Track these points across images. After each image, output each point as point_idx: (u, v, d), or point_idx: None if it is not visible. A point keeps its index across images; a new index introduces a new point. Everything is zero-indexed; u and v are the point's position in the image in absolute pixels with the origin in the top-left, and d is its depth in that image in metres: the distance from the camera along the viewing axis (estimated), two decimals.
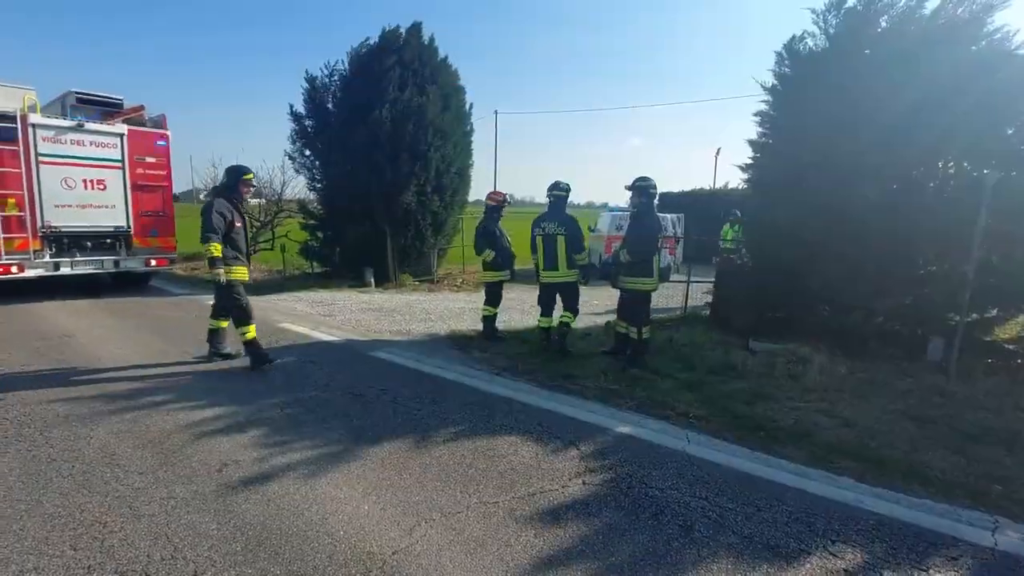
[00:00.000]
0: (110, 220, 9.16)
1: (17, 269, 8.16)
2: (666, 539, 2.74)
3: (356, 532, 2.73)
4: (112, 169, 9.12)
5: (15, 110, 8.07)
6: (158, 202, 9.77)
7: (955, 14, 6.75)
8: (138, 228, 9.44)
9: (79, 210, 8.79)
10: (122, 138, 9.19)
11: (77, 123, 8.76)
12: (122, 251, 9.38)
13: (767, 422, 4.31)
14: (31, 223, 8.26)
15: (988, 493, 3.31)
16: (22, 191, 8.12)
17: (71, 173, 8.70)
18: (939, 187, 6.92)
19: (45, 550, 2.56)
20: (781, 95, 7.89)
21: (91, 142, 8.86)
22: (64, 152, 8.60)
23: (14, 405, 4.36)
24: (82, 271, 9.01)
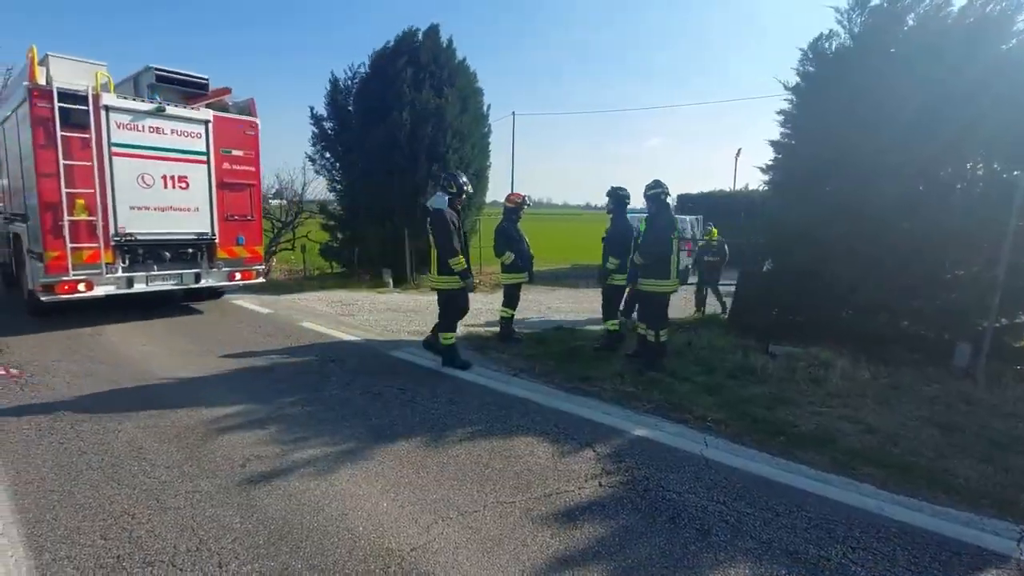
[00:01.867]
0: (192, 225, 7.56)
1: (85, 287, 6.63)
2: (683, 543, 2.73)
3: (375, 528, 2.77)
4: (195, 163, 7.55)
5: (86, 88, 6.51)
6: (245, 203, 8.16)
7: (984, 12, 6.60)
8: (223, 235, 7.84)
9: (158, 213, 7.24)
10: (207, 126, 7.62)
11: (157, 106, 7.15)
12: (203, 263, 7.77)
13: (787, 427, 4.26)
14: (103, 229, 6.71)
15: (1016, 503, 3.23)
16: (93, 189, 6.59)
17: (149, 168, 7.12)
18: (967, 188, 6.78)
19: (77, 539, 2.65)
20: (804, 94, 7.82)
21: (172, 130, 7.31)
22: (141, 141, 7.04)
23: (45, 399, 4.51)
24: (158, 288, 7.42)
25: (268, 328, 7.46)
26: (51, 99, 6.23)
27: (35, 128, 6.25)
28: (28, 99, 6.20)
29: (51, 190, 6.35)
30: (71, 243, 6.48)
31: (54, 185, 6.35)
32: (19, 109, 6.72)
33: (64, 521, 2.79)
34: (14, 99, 7.13)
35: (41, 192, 6.33)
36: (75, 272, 6.55)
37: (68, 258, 6.46)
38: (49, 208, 6.36)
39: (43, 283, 6.43)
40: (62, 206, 6.35)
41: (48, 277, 6.42)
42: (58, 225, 6.37)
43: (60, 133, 6.28)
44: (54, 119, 6.26)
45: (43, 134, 6.27)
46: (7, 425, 3.97)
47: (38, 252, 6.54)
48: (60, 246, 6.40)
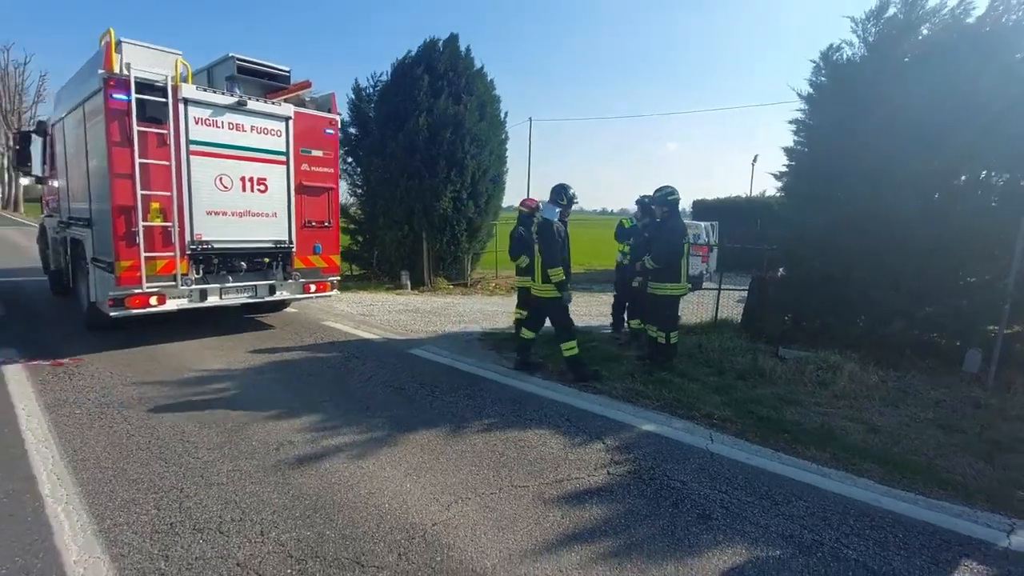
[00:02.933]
0: (270, 233, 6.87)
1: (157, 301, 5.95)
2: (684, 524, 2.94)
3: (400, 506, 3.02)
4: (275, 164, 6.83)
5: (165, 78, 5.80)
6: (323, 209, 7.42)
7: (1000, 22, 6.68)
8: (300, 243, 7.15)
9: (235, 219, 6.52)
10: (288, 123, 6.89)
11: (239, 100, 6.40)
12: (278, 273, 7.03)
13: (792, 425, 4.43)
14: (179, 237, 6.01)
15: (1009, 498, 3.36)
16: (170, 192, 5.90)
17: (228, 168, 6.40)
18: (982, 196, 6.84)
19: (133, 508, 2.94)
20: (817, 103, 7.92)
21: (252, 127, 6.58)
22: (220, 139, 6.32)
23: (93, 388, 4.85)
24: (232, 301, 6.78)
25: (294, 326, 7.78)
26: (128, 90, 5.52)
27: (109, 122, 5.52)
28: (103, 89, 5.49)
29: (125, 192, 5.65)
30: (145, 252, 5.78)
31: (129, 187, 5.66)
32: (88, 102, 6.07)
33: (120, 493, 3.09)
34: (80, 91, 6.37)
35: (115, 194, 5.61)
36: (149, 284, 5.85)
37: (142, 269, 5.77)
38: (123, 212, 5.66)
39: (113, 296, 5.74)
40: (137, 211, 5.69)
41: (119, 289, 5.73)
42: (132, 232, 5.71)
43: (137, 128, 5.60)
44: (130, 112, 5.55)
45: (118, 129, 5.56)
46: (60, 410, 4.30)
47: (107, 261, 5.84)
48: (134, 255, 5.74)
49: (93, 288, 6.37)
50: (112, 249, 5.70)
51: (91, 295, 6.44)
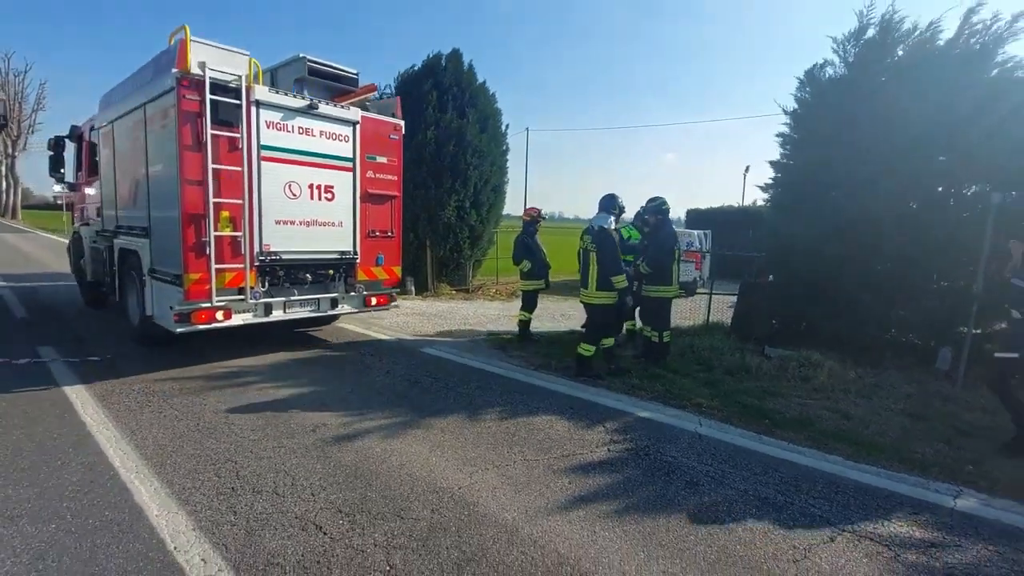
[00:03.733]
0: (336, 243, 6.58)
1: (223, 315, 5.60)
2: (674, 490, 3.40)
3: (428, 474, 3.47)
4: (342, 171, 6.55)
5: (239, 79, 5.51)
6: (387, 218, 7.12)
7: (968, 45, 7.24)
8: (364, 254, 6.84)
9: (303, 229, 6.23)
10: (355, 128, 6.61)
11: (310, 103, 6.13)
12: (340, 286, 6.72)
13: (773, 413, 4.90)
14: (248, 248, 5.68)
15: (961, 471, 3.84)
16: (241, 200, 5.59)
17: (297, 175, 6.12)
18: (954, 208, 7.35)
19: (196, 476, 3.38)
20: (801, 118, 8.44)
21: (321, 131, 6.30)
22: (290, 144, 6.03)
23: (135, 382, 5.28)
24: (295, 315, 6.43)
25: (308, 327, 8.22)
26: (202, 90, 5.25)
27: (182, 125, 5.20)
28: (175, 89, 5.17)
29: (196, 200, 5.34)
30: (215, 264, 5.46)
31: (200, 194, 5.35)
32: (153, 103, 5.73)
33: (182, 464, 3.53)
34: (141, 92, 5.99)
35: (185, 202, 5.28)
36: (218, 297, 5.53)
37: (212, 281, 5.45)
38: (193, 221, 5.34)
39: (179, 311, 5.37)
40: (208, 220, 5.36)
41: (187, 304, 5.38)
42: (202, 242, 5.37)
43: (211, 132, 5.31)
44: (204, 115, 5.27)
45: (190, 132, 5.25)
46: (110, 398, 4.74)
47: (173, 274, 5.51)
48: (203, 267, 5.41)
49: (150, 301, 6.01)
50: (180, 260, 5.35)
51: (147, 309, 6.06)
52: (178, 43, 5.28)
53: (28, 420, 4.19)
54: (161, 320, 5.85)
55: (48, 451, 3.67)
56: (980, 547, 2.92)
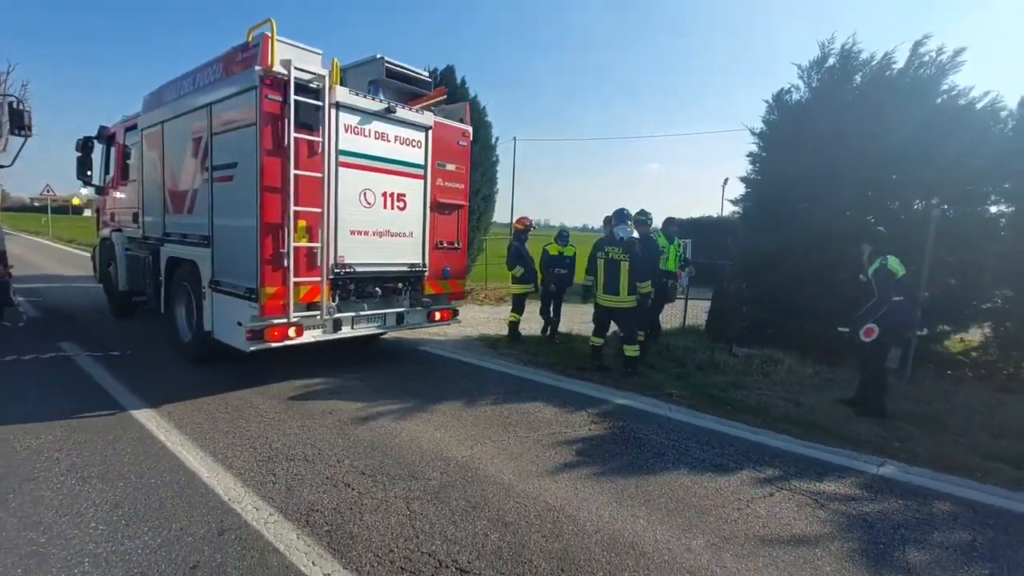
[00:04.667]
0: (406, 255, 6.26)
1: (295, 332, 5.22)
2: (644, 458, 4.02)
3: (436, 446, 4.05)
4: (414, 179, 6.23)
5: (322, 79, 5.20)
6: (453, 229, 6.80)
7: (917, 74, 8.04)
8: (432, 266, 6.52)
9: (375, 239, 5.89)
10: (428, 133, 6.31)
11: (387, 107, 5.83)
12: (406, 300, 6.39)
13: (735, 402, 5.55)
14: (324, 259, 5.35)
15: (888, 447, 4.51)
16: (320, 208, 5.26)
17: (372, 182, 5.78)
18: (905, 222, 8.10)
19: (234, 447, 3.92)
20: (769, 138, 9.20)
21: (396, 136, 5.99)
22: (366, 149, 5.70)
23: (158, 372, 5.77)
24: (362, 332, 6.05)
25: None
26: (285, 91, 4.93)
27: (263, 127, 4.86)
28: (258, 89, 4.83)
29: (275, 208, 4.99)
30: (293, 277, 5.09)
31: (279, 202, 5.01)
32: (223, 103, 5.38)
33: (219, 439, 4.06)
34: (205, 92, 5.67)
35: (265, 210, 4.93)
36: (296, 313, 5.18)
37: (290, 296, 5.08)
38: (271, 231, 4.99)
39: (252, 327, 4.98)
40: (287, 230, 5.03)
41: (261, 320, 4.99)
42: (279, 254, 5.02)
43: (294, 135, 4.98)
44: (285, 117, 4.95)
45: (271, 136, 4.92)
46: (138, 384, 5.23)
47: (245, 287, 5.12)
48: (279, 280, 5.05)
49: (209, 316, 5.63)
50: (255, 273, 4.97)
51: (205, 323, 5.68)
52: (261, 39, 4.89)
53: (73, 399, 4.68)
54: (224, 336, 5.46)
55: (99, 429, 4.18)
56: (892, 500, 3.58)
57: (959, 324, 7.86)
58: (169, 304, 6.63)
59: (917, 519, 3.36)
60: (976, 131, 7.53)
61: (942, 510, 3.49)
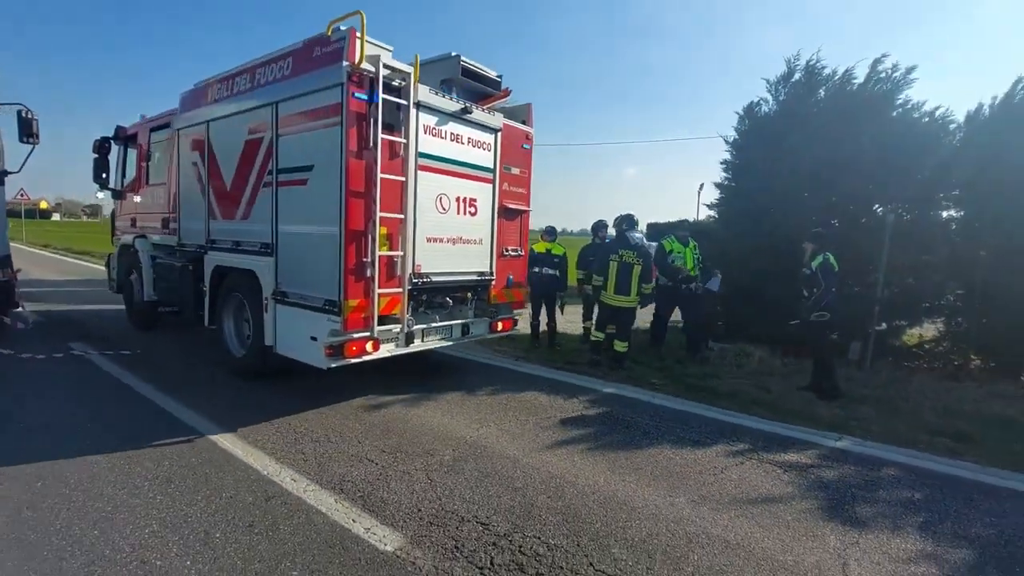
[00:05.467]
0: (475, 263, 6.00)
1: (372, 347, 4.90)
2: (633, 437, 4.52)
3: (445, 429, 4.49)
4: (484, 183, 6.00)
5: (405, 77, 4.92)
6: (516, 235, 6.56)
7: (875, 90, 8.73)
8: (498, 274, 6.28)
9: (448, 247, 5.63)
10: (497, 135, 6.07)
11: (464, 107, 5.59)
12: (470, 310, 6.20)
13: (711, 389, 6.10)
14: (403, 268, 5.06)
15: (846, 425, 5.08)
16: (402, 214, 5.00)
17: (447, 187, 5.54)
18: (864, 225, 8.77)
19: (261, 431, 4.30)
20: (741, 148, 9.83)
21: (469, 138, 5.74)
22: (442, 152, 5.45)
23: (174, 369, 6.08)
24: (431, 345, 5.75)
25: None
26: (372, 89, 4.64)
27: (349, 127, 4.54)
28: (344, 86, 4.51)
29: (360, 215, 4.69)
30: (378, 288, 4.80)
31: (364, 208, 4.71)
32: (298, 100, 4.98)
33: (247, 423, 4.43)
34: (275, 88, 5.24)
35: (350, 216, 4.60)
36: (380, 326, 4.90)
37: (373, 308, 4.79)
38: (355, 239, 4.67)
39: (332, 343, 4.66)
40: (372, 237, 4.74)
41: (343, 335, 4.67)
42: (363, 263, 4.73)
43: (381, 136, 4.70)
44: (371, 117, 4.67)
45: (357, 137, 4.61)
46: (159, 379, 5.56)
47: (323, 299, 4.77)
48: (362, 292, 4.75)
49: (272, 330, 5.27)
50: (337, 284, 4.63)
51: (267, 338, 5.31)
52: (348, 33, 4.57)
53: (94, 394, 5.00)
54: (292, 351, 5.13)
55: (137, 418, 4.52)
56: (846, 467, 4.13)
57: (914, 319, 8.56)
58: (215, 317, 6.24)
59: (867, 481, 3.91)
60: (927, 142, 8.25)
61: (889, 474, 4.04)
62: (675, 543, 2.97)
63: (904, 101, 8.62)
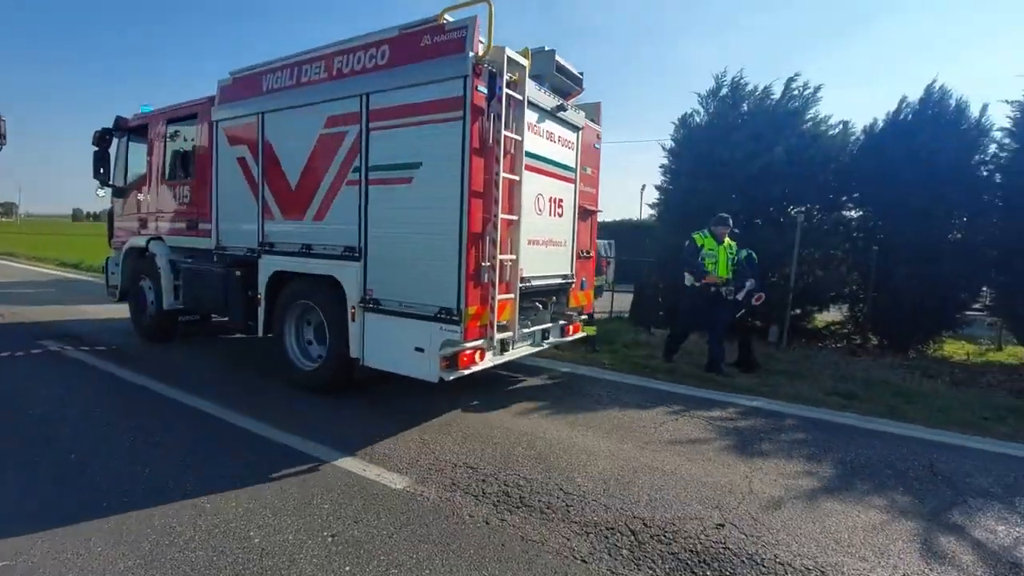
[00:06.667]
0: (561, 265, 5.84)
1: (480, 357, 4.71)
2: (586, 402, 5.38)
3: (425, 404, 5.16)
4: (568, 183, 5.82)
5: (522, 71, 4.65)
6: (587, 236, 6.44)
7: (787, 106, 9.98)
8: (576, 277, 6.15)
9: (543, 249, 5.43)
10: (579, 134, 5.93)
11: (559, 104, 5.45)
12: (548, 315, 5.91)
13: (652, 367, 7.04)
14: (514, 273, 4.83)
15: (760, 390, 6.12)
16: (515, 215, 4.75)
17: (543, 186, 5.33)
18: (783, 223, 9.99)
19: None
20: (677, 155, 10.91)
21: (559, 137, 5.59)
22: (539, 150, 5.22)
23: (186, 367, 6.43)
24: (521, 353, 5.49)
25: None
26: (495, 83, 4.39)
27: (472, 123, 4.27)
28: (468, 78, 4.23)
29: (479, 216, 4.43)
30: (498, 294, 4.57)
31: (483, 209, 4.45)
32: (399, 92, 4.61)
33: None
34: (366, 78, 4.85)
35: (471, 218, 4.34)
36: (499, 334, 4.69)
37: (493, 315, 4.56)
38: (475, 242, 4.40)
39: (447, 354, 4.45)
40: (490, 240, 4.49)
41: (458, 345, 4.42)
42: (481, 268, 4.47)
43: (504, 133, 4.46)
44: (491, 112, 4.41)
45: (479, 133, 4.35)
46: (175, 379, 5.93)
47: (438, 308, 4.45)
48: (479, 298, 4.49)
49: (358, 341, 4.94)
50: (457, 291, 4.34)
51: (352, 349, 4.99)
52: (471, 22, 4.27)
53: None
54: (389, 364, 4.84)
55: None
56: (756, 419, 5.12)
57: (823, 306, 9.90)
58: (273, 327, 5.79)
59: (771, 428, 4.89)
60: (832, 151, 9.57)
61: (789, 423, 5.05)
62: (624, 473, 3.80)
63: (814, 115, 9.93)
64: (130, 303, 7.88)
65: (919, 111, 8.94)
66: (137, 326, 7.77)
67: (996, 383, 6.93)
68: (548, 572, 2.68)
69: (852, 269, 9.68)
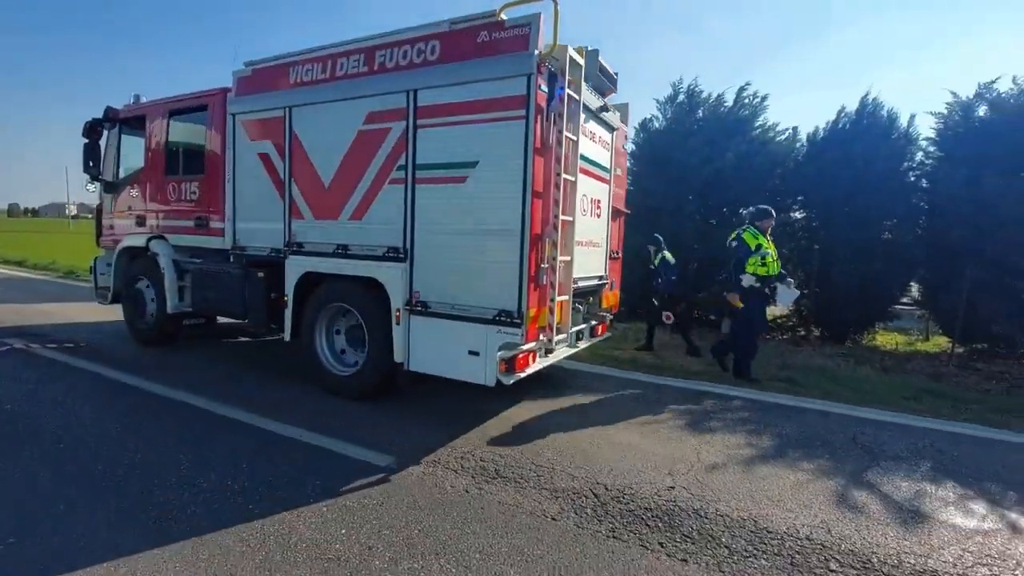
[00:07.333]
0: (598, 266, 5.86)
1: (533, 359, 4.71)
2: (570, 391, 5.82)
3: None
4: (604, 183, 5.80)
5: (580, 70, 4.58)
6: (617, 236, 6.48)
7: (738, 114, 10.65)
8: (609, 277, 6.18)
9: (585, 250, 5.32)
10: (614, 135, 5.92)
11: (603, 104, 5.45)
12: (580, 315, 5.82)
13: (617, 358, 7.54)
14: (568, 274, 4.77)
15: (724, 378, 6.65)
16: (571, 216, 4.64)
17: (587, 187, 5.22)
18: (735, 223, 10.62)
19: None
20: (638, 157, 11.45)
21: (600, 137, 5.55)
22: (585, 150, 5.06)
23: (192, 366, 6.54)
24: (563, 354, 5.47)
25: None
26: (557, 82, 4.35)
27: (535, 122, 4.17)
28: (532, 76, 4.11)
29: (539, 217, 4.35)
30: (558, 295, 4.56)
31: (543, 210, 4.39)
32: (452, 89, 4.46)
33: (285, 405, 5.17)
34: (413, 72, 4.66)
35: (534, 220, 4.26)
36: (557, 337, 4.71)
37: (552, 318, 4.51)
38: (535, 243, 4.32)
39: (506, 357, 4.35)
40: (550, 241, 4.43)
41: (517, 348, 4.36)
42: (541, 270, 4.41)
43: (565, 133, 4.41)
44: (552, 112, 4.33)
45: (541, 132, 4.26)
46: (183, 376, 6.05)
47: (497, 310, 4.34)
48: (537, 300, 4.41)
49: (403, 344, 4.79)
50: (518, 293, 4.25)
51: (396, 354, 4.85)
52: (535, 18, 4.14)
53: None
54: (439, 368, 4.74)
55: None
56: (705, 401, 5.65)
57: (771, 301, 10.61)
58: (301, 330, 5.56)
59: (720, 408, 5.44)
60: (779, 157, 10.30)
61: (735, 404, 5.61)
62: (588, 447, 4.26)
63: (763, 123, 10.64)
64: (124, 306, 7.41)
65: (855, 121, 9.73)
66: (133, 330, 7.33)
67: (919, 369, 7.71)
68: (523, 529, 3.08)
69: (797, 267, 10.43)
